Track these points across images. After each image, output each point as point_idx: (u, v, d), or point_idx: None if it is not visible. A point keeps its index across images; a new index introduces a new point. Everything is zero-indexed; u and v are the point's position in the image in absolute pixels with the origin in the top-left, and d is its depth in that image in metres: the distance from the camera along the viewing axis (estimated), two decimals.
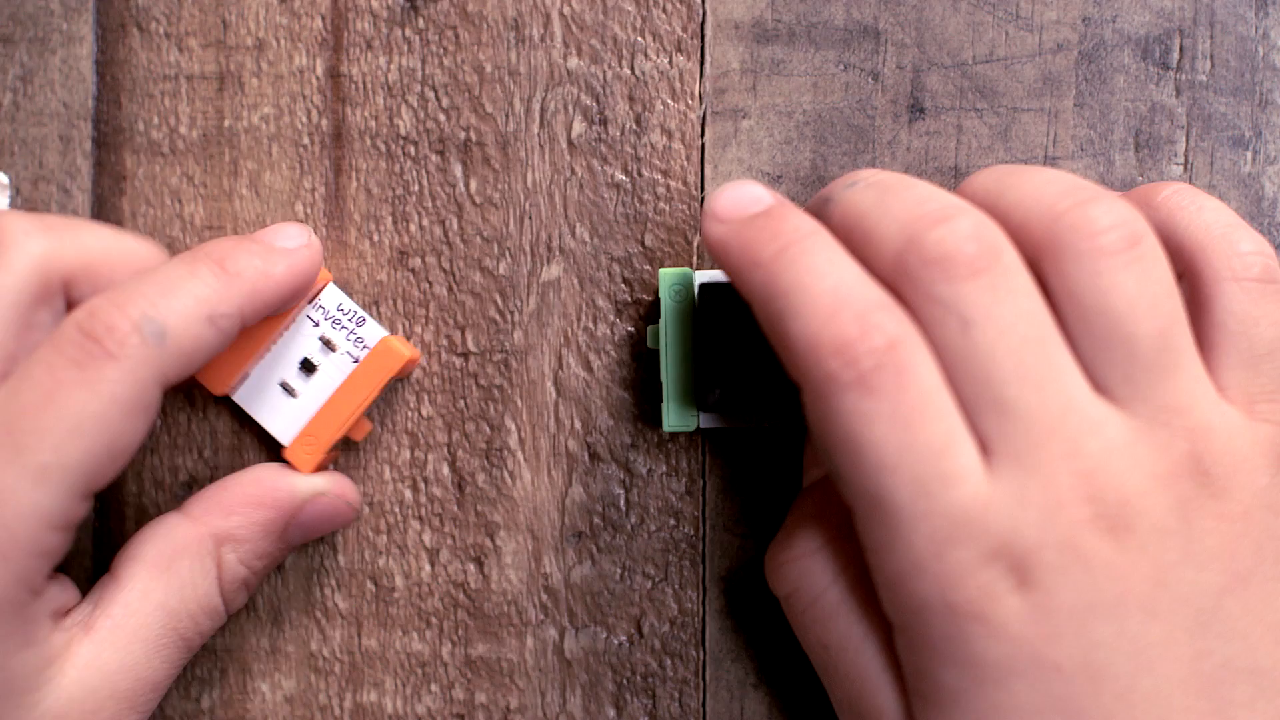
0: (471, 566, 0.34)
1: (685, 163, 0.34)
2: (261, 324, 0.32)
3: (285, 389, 0.32)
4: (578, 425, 0.34)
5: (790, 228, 0.27)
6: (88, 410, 0.27)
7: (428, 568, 0.34)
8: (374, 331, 0.32)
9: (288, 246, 0.31)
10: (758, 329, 0.30)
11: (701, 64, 0.34)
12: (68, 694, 0.28)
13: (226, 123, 0.34)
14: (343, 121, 0.34)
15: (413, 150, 0.34)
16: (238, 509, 0.31)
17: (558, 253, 0.34)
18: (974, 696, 0.25)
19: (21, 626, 0.27)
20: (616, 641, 0.34)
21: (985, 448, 0.26)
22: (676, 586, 0.34)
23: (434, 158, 0.34)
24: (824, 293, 0.26)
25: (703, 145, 0.34)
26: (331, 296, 0.32)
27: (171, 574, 0.30)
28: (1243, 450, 0.27)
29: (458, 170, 0.34)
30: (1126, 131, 0.33)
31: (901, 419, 0.25)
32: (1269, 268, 0.28)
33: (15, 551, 0.26)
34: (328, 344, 0.32)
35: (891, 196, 0.27)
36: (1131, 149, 0.33)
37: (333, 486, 0.32)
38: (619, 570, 0.34)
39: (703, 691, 0.34)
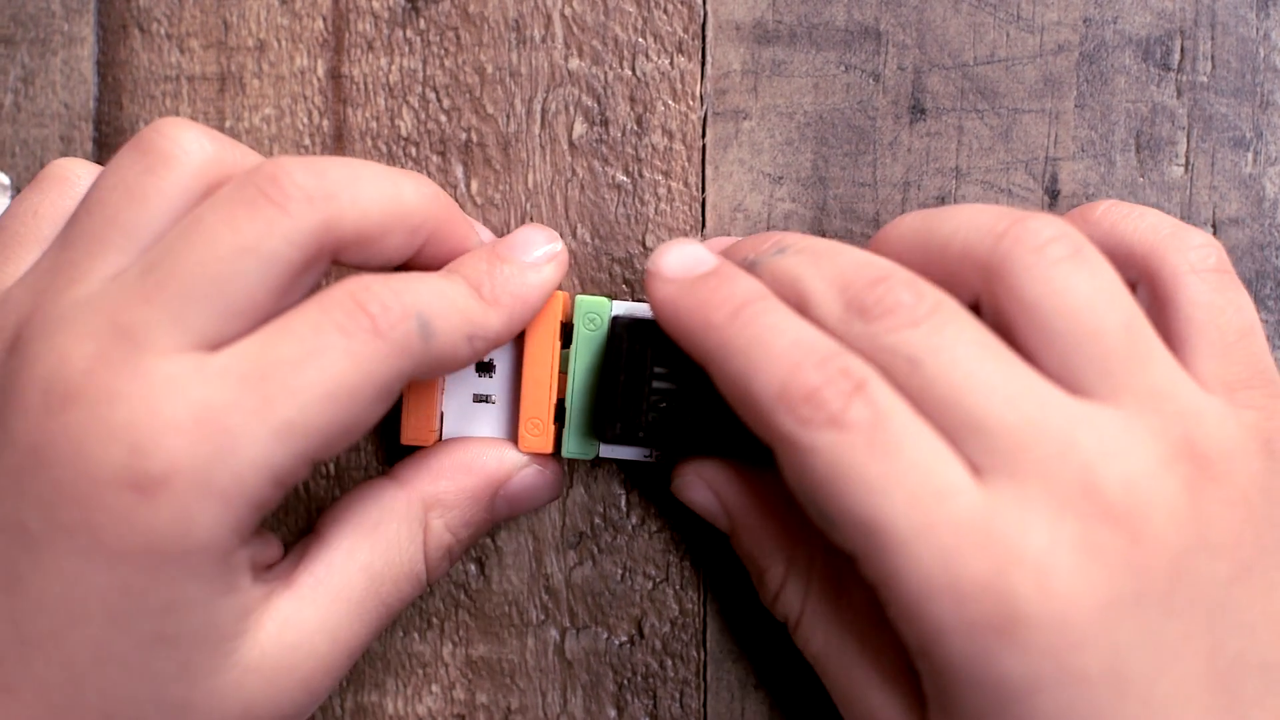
0: (472, 567, 0.34)
1: (686, 164, 0.34)
2: None
3: (481, 399, 0.32)
4: None
5: (741, 290, 0.28)
6: (345, 380, 0.26)
7: None
8: None
9: (537, 259, 0.30)
10: (663, 366, 0.30)
11: (703, 65, 0.34)
12: (263, 648, 0.27)
13: (228, 124, 0.34)
14: (344, 122, 0.34)
15: (414, 151, 0.34)
16: (446, 474, 0.31)
17: None
18: (997, 713, 0.25)
19: (226, 573, 0.26)
20: (617, 642, 0.34)
21: (974, 469, 0.25)
22: (677, 587, 0.34)
23: (435, 159, 0.34)
24: (784, 348, 0.26)
25: (704, 146, 0.34)
26: None
27: (378, 536, 0.29)
28: (1234, 435, 0.27)
29: (459, 171, 0.34)
30: (1127, 132, 0.33)
31: (880, 445, 0.25)
32: (1222, 258, 0.29)
33: (238, 498, 0.25)
34: None
35: (824, 262, 0.28)
36: (1132, 150, 0.33)
37: (538, 460, 0.32)
38: (620, 570, 0.34)
39: (703, 692, 0.34)
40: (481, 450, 0.31)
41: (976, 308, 0.28)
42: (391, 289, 0.27)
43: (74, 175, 0.30)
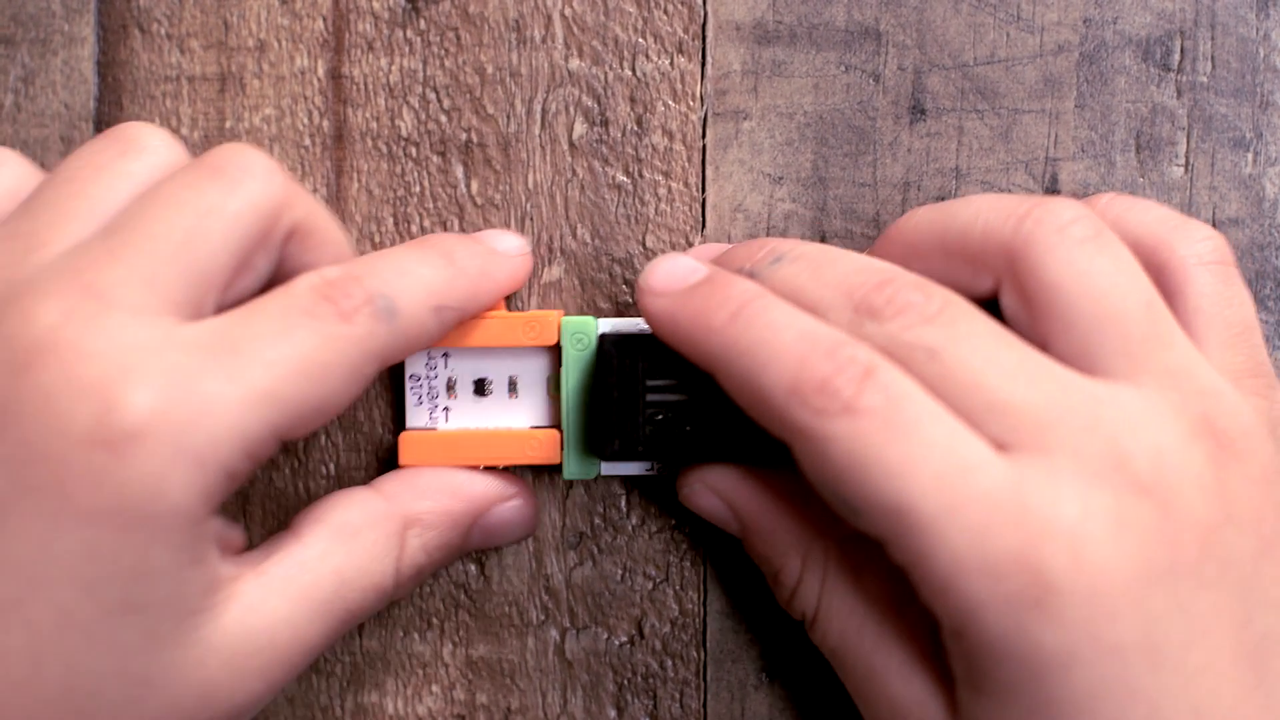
0: (473, 567, 0.34)
1: (686, 164, 0.34)
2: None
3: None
4: None
5: (739, 291, 0.28)
6: (317, 356, 0.26)
7: None
8: None
9: (508, 251, 0.32)
10: (655, 379, 0.30)
11: (703, 65, 0.34)
12: (226, 629, 0.26)
13: (228, 124, 0.34)
14: (344, 123, 0.34)
15: (414, 151, 0.34)
16: (431, 494, 0.31)
17: (559, 254, 0.34)
18: (1032, 688, 0.25)
19: (195, 543, 0.26)
20: (617, 642, 0.34)
21: (997, 445, 0.25)
22: (677, 587, 0.34)
23: (435, 159, 0.34)
24: (790, 342, 0.26)
25: (704, 147, 0.34)
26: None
27: (355, 543, 0.29)
28: (1249, 417, 0.27)
29: (459, 171, 0.34)
30: (1127, 133, 0.33)
31: (898, 428, 0.25)
32: (1226, 252, 0.29)
33: (211, 462, 0.25)
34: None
35: (825, 270, 0.28)
36: (1132, 150, 0.33)
37: (521, 494, 0.32)
38: (620, 571, 0.34)
39: (703, 692, 0.34)
40: (470, 477, 0.31)
41: (983, 306, 0.28)
42: (352, 275, 0.27)
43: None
